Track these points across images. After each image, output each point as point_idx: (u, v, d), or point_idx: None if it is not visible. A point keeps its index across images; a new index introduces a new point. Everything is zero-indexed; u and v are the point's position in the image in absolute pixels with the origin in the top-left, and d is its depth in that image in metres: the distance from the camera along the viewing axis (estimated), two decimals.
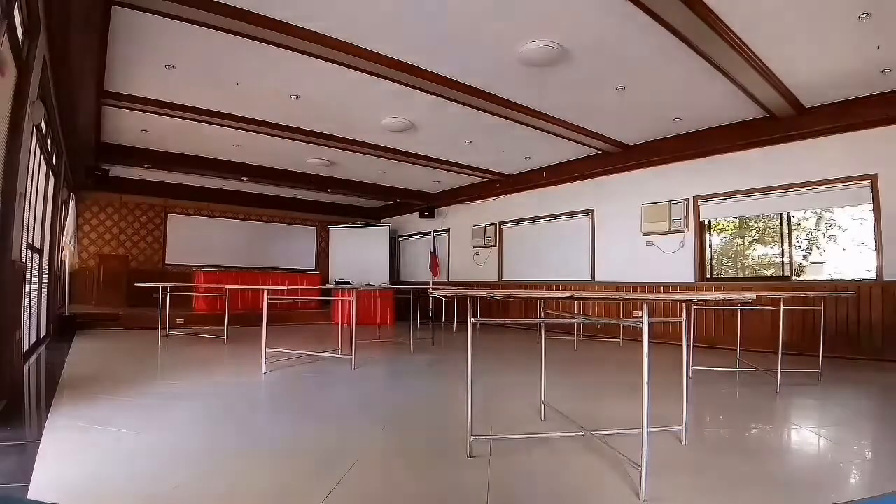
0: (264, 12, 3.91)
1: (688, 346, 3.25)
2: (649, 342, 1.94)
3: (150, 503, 1.80)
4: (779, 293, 4.11)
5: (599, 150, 7.60)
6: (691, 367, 4.28)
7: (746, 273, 7.59)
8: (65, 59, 4.13)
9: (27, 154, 3.38)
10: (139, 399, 3.38)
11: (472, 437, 2.33)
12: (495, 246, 10.25)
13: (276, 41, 4.29)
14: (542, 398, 3.02)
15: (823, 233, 7.27)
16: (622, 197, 7.91)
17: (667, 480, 2.02)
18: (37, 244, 5.06)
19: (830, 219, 7.08)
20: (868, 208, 5.59)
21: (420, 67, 4.88)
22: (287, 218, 12.93)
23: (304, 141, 7.28)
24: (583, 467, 2.23)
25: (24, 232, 3.73)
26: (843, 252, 6.87)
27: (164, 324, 6.64)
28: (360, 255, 11.88)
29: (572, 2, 3.77)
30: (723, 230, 7.73)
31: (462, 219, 11.20)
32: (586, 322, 7.54)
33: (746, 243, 7.85)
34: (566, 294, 2.19)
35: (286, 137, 7.13)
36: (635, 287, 7.43)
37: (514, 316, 8.60)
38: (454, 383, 4.15)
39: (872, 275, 5.55)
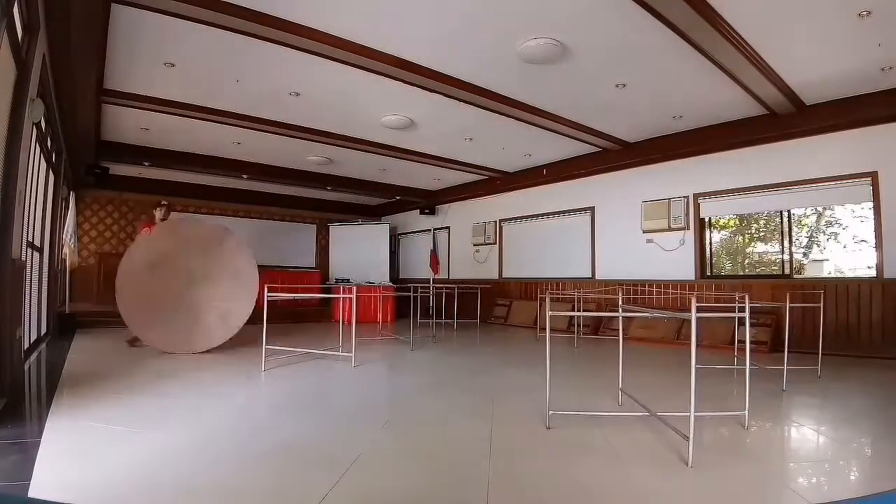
0: (264, 10, 3.90)
1: (748, 345, 3.26)
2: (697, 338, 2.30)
3: (149, 501, 1.81)
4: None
5: (600, 147, 7.60)
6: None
7: (746, 270, 7.58)
8: (64, 56, 4.12)
9: (27, 152, 3.38)
10: (139, 397, 3.39)
11: (551, 412, 2.76)
12: (496, 244, 10.24)
13: (276, 39, 4.27)
14: (620, 385, 3.36)
15: (824, 230, 7.27)
16: (622, 194, 7.90)
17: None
18: (37, 242, 5.06)
19: (831, 216, 7.07)
20: (868, 205, 5.59)
21: (420, 65, 4.87)
22: (287, 216, 12.91)
23: (303, 138, 7.27)
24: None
25: (24, 230, 3.73)
26: (843, 249, 6.87)
27: None
28: (360, 252, 11.87)
29: None
30: (723, 227, 7.72)
31: (462, 216, 11.20)
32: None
33: (747, 241, 7.84)
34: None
35: (286, 135, 7.12)
36: (635, 285, 7.43)
37: (517, 316, 8.53)
38: (454, 382, 4.16)
39: (873, 272, 5.56)
